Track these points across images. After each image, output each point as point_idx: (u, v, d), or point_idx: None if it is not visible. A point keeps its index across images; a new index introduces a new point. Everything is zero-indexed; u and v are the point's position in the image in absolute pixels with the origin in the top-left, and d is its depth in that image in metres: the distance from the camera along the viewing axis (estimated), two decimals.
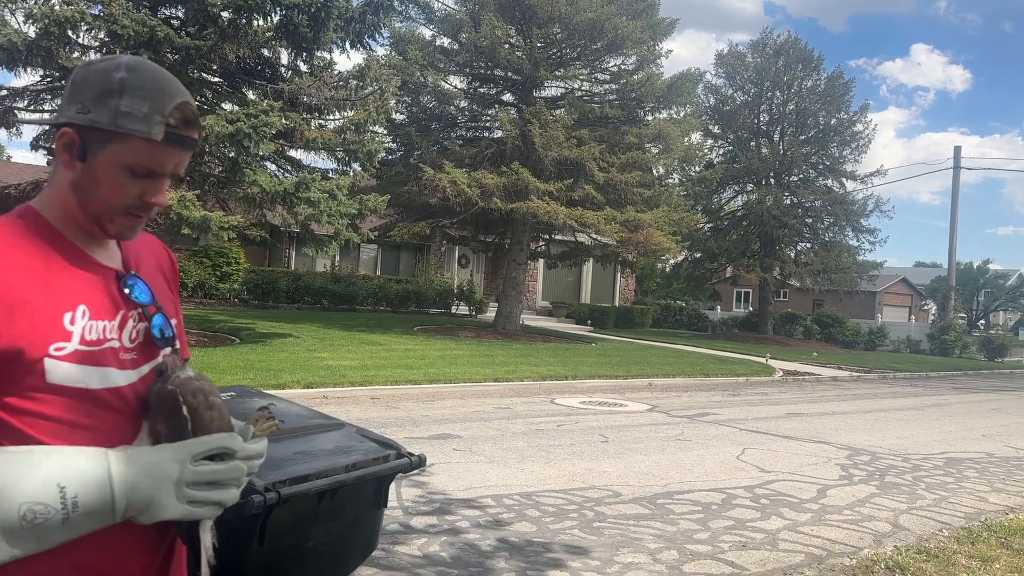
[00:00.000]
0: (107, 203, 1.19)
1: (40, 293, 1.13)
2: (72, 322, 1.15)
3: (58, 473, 1.04)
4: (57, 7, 11.02)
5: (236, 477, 1.14)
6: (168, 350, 1.28)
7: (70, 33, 11.19)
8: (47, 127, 13.29)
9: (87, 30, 11.56)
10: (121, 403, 1.18)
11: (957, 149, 34.06)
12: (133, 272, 1.28)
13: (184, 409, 1.14)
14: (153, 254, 1.40)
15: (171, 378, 1.18)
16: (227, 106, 13.12)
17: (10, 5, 11.47)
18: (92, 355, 1.16)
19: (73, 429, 1.12)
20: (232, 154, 12.14)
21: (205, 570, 1.20)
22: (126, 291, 1.24)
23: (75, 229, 1.22)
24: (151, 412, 1.17)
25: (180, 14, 12.76)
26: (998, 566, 4.62)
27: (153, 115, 1.16)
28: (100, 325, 1.18)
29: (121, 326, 1.22)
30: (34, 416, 1.10)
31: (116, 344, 1.20)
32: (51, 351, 1.11)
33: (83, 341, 1.15)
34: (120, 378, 1.19)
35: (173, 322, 1.33)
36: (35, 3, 11.32)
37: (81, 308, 1.16)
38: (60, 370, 1.12)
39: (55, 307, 1.14)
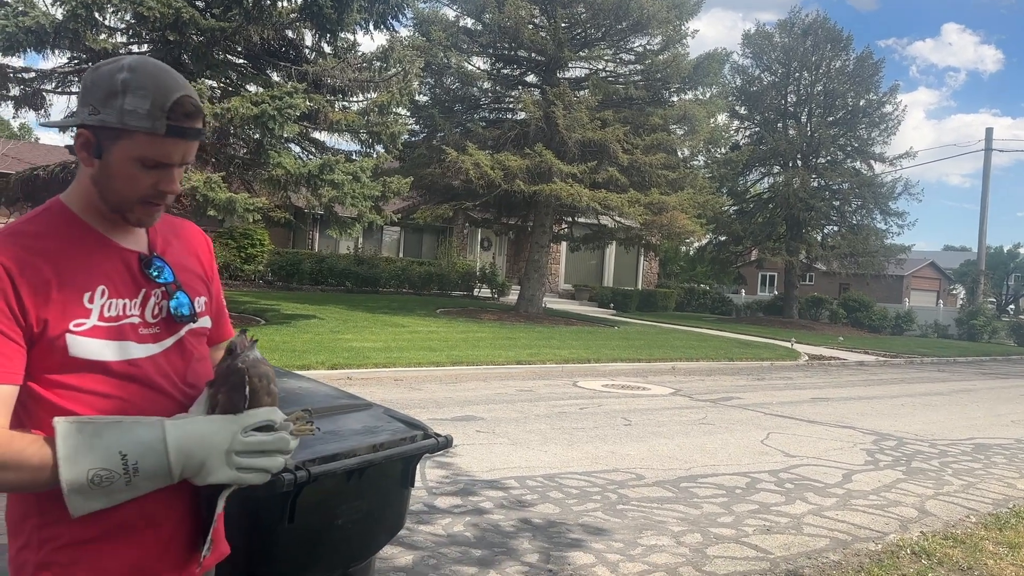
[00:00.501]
0: (124, 194, 1.31)
1: (64, 276, 1.26)
2: (91, 300, 1.27)
3: (120, 441, 1.17)
4: None
5: (282, 448, 1.25)
6: (191, 325, 1.40)
7: (97, 15, 11.26)
8: (75, 109, 13.41)
9: (113, 12, 11.62)
10: (141, 374, 1.30)
11: (989, 131, 33.41)
12: (157, 255, 1.40)
13: (247, 388, 1.25)
14: (187, 238, 1.52)
15: (241, 357, 1.28)
16: (252, 88, 13.16)
17: None
18: (111, 330, 1.28)
19: (97, 398, 1.25)
20: (257, 136, 12.18)
21: (208, 540, 1.33)
22: (148, 272, 1.36)
23: (99, 218, 1.34)
24: (216, 382, 1.28)
25: None
26: None
27: (155, 111, 1.26)
28: (120, 303, 1.31)
29: (143, 303, 1.34)
30: (62, 388, 1.24)
31: (137, 320, 1.32)
32: (71, 327, 1.24)
33: (102, 318, 1.28)
34: (139, 351, 1.31)
35: (202, 300, 1.45)
36: None
37: (101, 288, 1.29)
38: (80, 344, 1.24)
39: (77, 288, 1.26)
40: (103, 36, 11.70)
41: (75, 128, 1.30)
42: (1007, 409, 11.55)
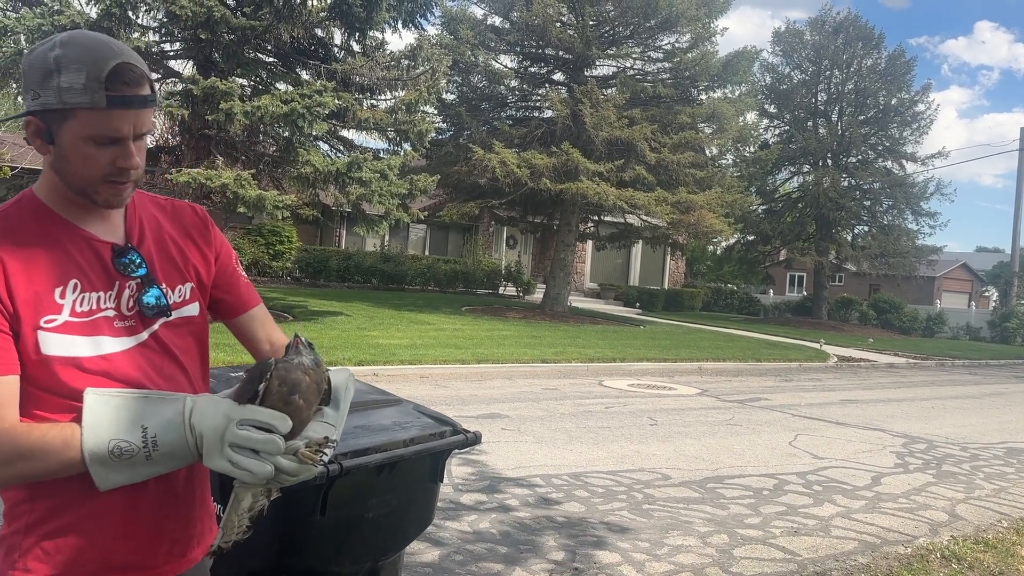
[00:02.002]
0: (84, 176, 1.25)
1: (34, 271, 1.23)
2: (63, 296, 1.24)
3: (142, 415, 1.16)
4: None
5: (271, 451, 1.17)
6: (163, 319, 1.35)
7: (130, 14, 11.43)
8: None
9: (146, 11, 11.79)
10: (115, 369, 1.26)
11: (1023, 130, 32.82)
12: (131, 245, 1.34)
13: (262, 384, 1.21)
14: (180, 219, 1.45)
15: (282, 357, 1.25)
16: (281, 86, 13.26)
17: None
18: (84, 325, 1.25)
19: (71, 395, 1.21)
20: (286, 134, 12.31)
21: (221, 529, 1.31)
22: (120, 264, 1.32)
23: (70, 207, 1.30)
24: (248, 369, 1.26)
25: None
26: None
27: (91, 84, 1.19)
28: (94, 296, 1.27)
29: (119, 296, 1.30)
30: (35, 386, 1.22)
31: (112, 313, 1.29)
32: (42, 324, 1.21)
33: (73, 313, 1.24)
34: (113, 345, 1.27)
35: (186, 287, 1.40)
36: None
37: (73, 282, 1.26)
38: (51, 341, 1.22)
39: (47, 283, 1.23)
40: (136, 34, 11.87)
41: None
42: None
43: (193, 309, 1.41)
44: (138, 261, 1.34)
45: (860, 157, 29.86)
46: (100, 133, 1.22)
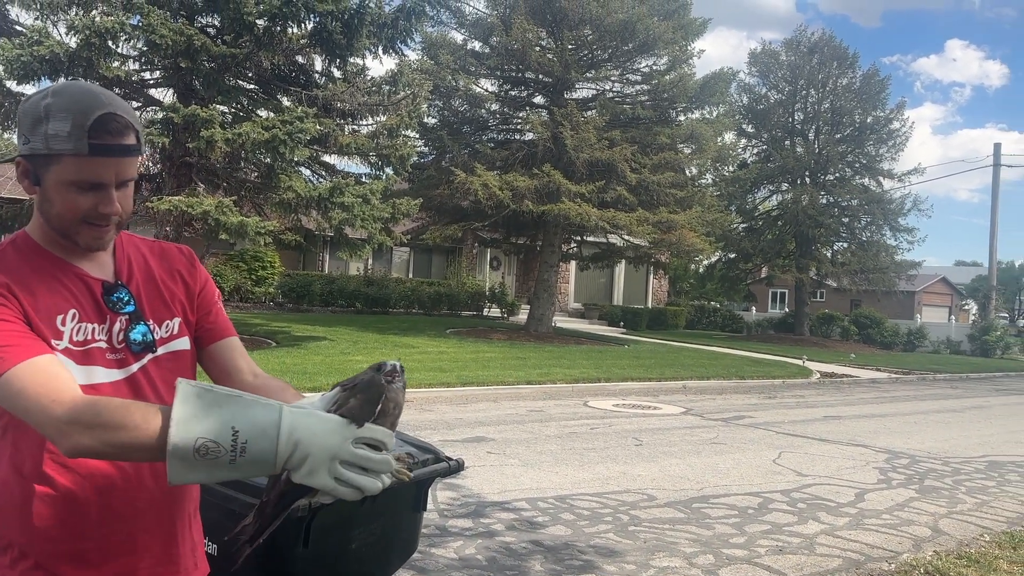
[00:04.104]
0: (65, 219, 1.33)
1: (38, 299, 1.30)
2: (63, 323, 1.31)
3: (235, 417, 1.12)
4: (97, 18, 11.27)
5: (384, 470, 1.18)
6: (150, 355, 1.40)
7: (110, 43, 11.44)
8: None
9: (126, 40, 11.81)
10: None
11: (997, 146, 33.32)
12: (120, 283, 1.41)
13: (379, 406, 1.21)
14: (160, 257, 1.53)
15: (387, 378, 1.24)
16: (263, 113, 13.31)
17: (52, 17, 11.76)
18: (79, 354, 1.32)
19: None
20: (268, 160, 12.32)
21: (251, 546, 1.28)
22: (110, 300, 1.38)
23: (60, 246, 1.37)
24: (351, 388, 1.22)
25: (216, 23, 12.97)
26: None
27: (76, 131, 1.26)
28: (89, 327, 1.34)
29: (109, 329, 1.37)
30: None
31: (104, 345, 1.35)
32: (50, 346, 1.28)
33: (72, 341, 1.31)
34: (103, 376, 1.33)
35: (174, 322, 1.46)
36: (76, 15, 11.59)
37: (72, 311, 1.33)
38: None
39: (50, 310, 1.31)
40: (116, 64, 11.88)
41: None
42: (1021, 426, 11.46)
43: (183, 343, 1.47)
44: (127, 298, 1.40)
45: (837, 175, 30.24)
46: (82, 179, 1.29)
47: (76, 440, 1.14)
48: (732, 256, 31.15)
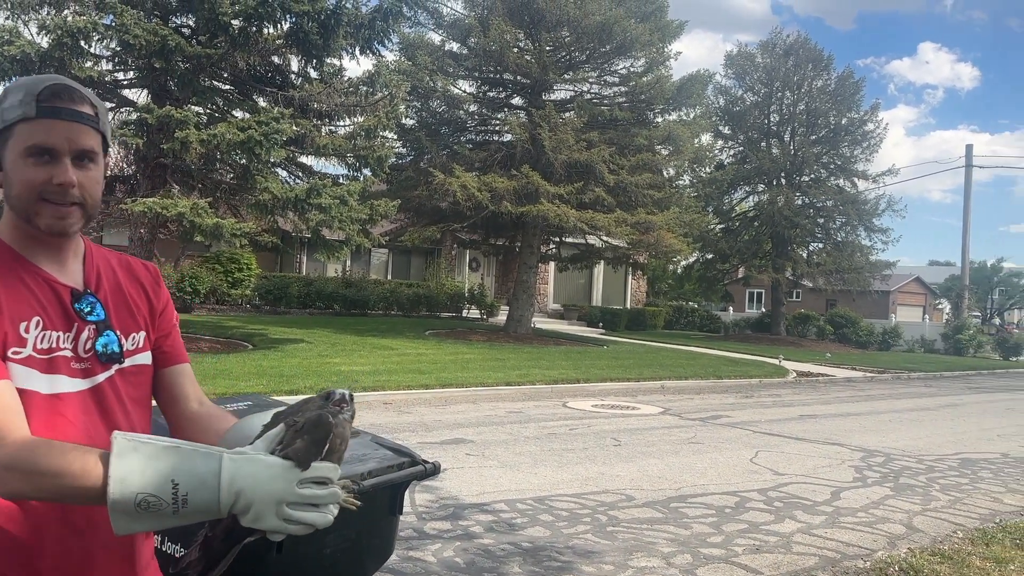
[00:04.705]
0: (24, 196, 1.29)
1: (6, 303, 1.26)
2: (27, 330, 1.27)
3: (174, 469, 1.10)
4: (70, 18, 11.14)
5: (332, 502, 1.16)
6: (117, 365, 1.37)
7: (83, 43, 11.30)
8: None
9: (99, 40, 11.67)
10: (65, 408, 1.27)
11: (969, 147, 33.82)
12: (89, 291, 1.38)
13: (326, 447, 1.15)
14: (134, 272, 1.50)
15: (335, 412, 1.19)
16: (238, 113, 13.21)
17: (23, 16, 11.60)
18: (43, 362, 1.27)
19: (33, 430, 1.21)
20: (243, 161, 12.23)
21: None
22: (78, 307, 1.34)
23: (30, 248, 1.34)
24: (298, 425, 1.17)
25: (191, 23, 12.86)
26: (1013, 567, 4.60)
27: (26, 99, 1.27)
28: (54, 335, 1.30)
29: (76, 338, 1.32)
30: None
31: (69, 354, 1.31)
32: (9, 354, 1.24)
33: (36, 349, 1.27)
34: (68, 385, 1.29)
35: (139, 336, 1.43)
36: (48, 14, 11.44)
37: (36, 319, 1.28)
38: (15, 372, 1.23)
39: (14, 317, 1.26)
40: (89, 64, 11.74)
41: None
42: (993, 423, 11.63)
43: (146, 358, 1.44)
44: (96, 307, 1.37)
45: (813, 176, 30.54)
46: (32, 143, 1.27)
47: (13, 486, 1.13)
48: (709, 257, 31.36)
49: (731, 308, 39.04)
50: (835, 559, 4.77)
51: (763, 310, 39.01)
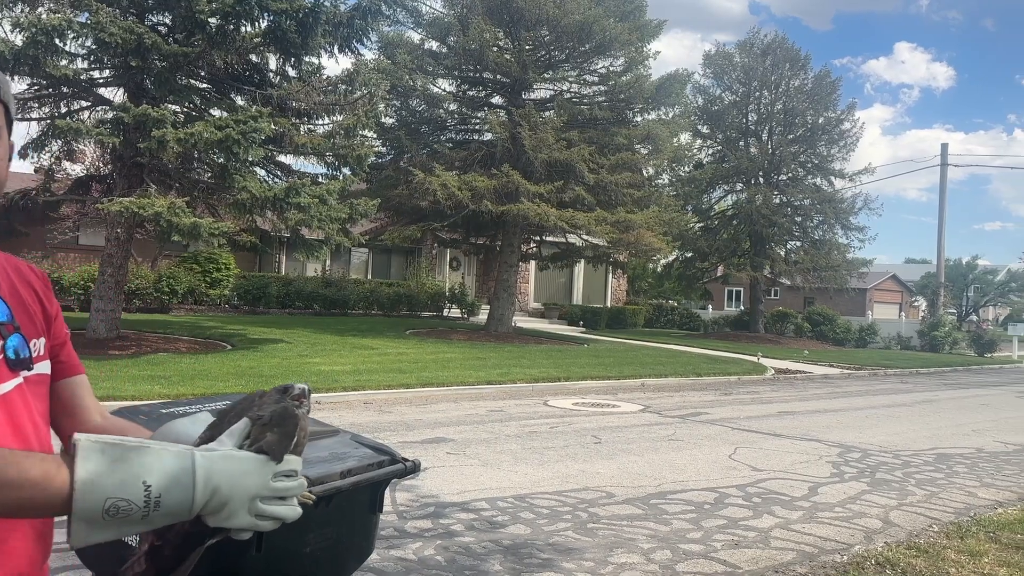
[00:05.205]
0: None
1: None
2: None
3: (145, 470, 1.04)
4: (44, 16, 11.01)
5: (299, 492, 1.14)
6: (25, 372, 1.24)
7: (57, 41, 11.16)
8: (35, 135, 13.24)
9: (74, 38, 11.53)
10: None
11: (944, 146, 34.24)
12: None
13: (295, 440, 1.15)
14: (25, 276, 1.37)
15: (298, 405, 1.18)
16: (216, 112, 13.10)
17: None
18: None
19: None
20: (221, 160, 12.14)
21: None
22: None
23: None
24: (264, 420, 1.15)
25: (168, 21, 12.75)
26: (987, 560, 4.67)
27: None
28: None
29: None
30: None
31: None
32: None
33: None
34: None
35: (40, 342, 1.31)
36: (22, 12, 11.29)
37: None
38: None
39: None
40: (64, 62, 11.60)
41: None
42: (968, 419, 11.79)
43: (47, 367, 1.32)
44: (1, 307, 1.24)
45: (790, 175, 30.78)
46: None
47: None
48: (689, 255, 31.53)
49: (710, 306, 39.30)
50: (813, 554, 4.82)
51: (742, 308, 39.27)
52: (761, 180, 30.24)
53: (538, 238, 22.71)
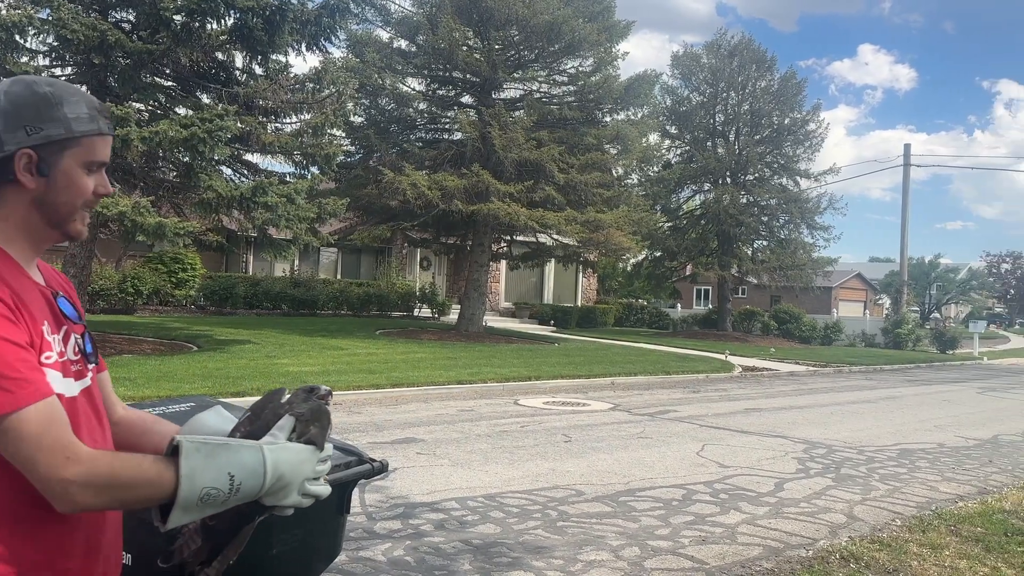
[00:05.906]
0: (71, 204, 1.32)
1: (25, 309, 1.24)
2: (49, 333, 1.28)
3: (229, 463, 1.23)
4: (3, 11, 10.78)
5: (324, 475, 1.36)
6: (91, 367, 1.40)
7: (18, 38, 10.95)
8: None
9: (35, 34, 11.33)
10: (74, 412, 1.27)
11: (907, 147, 34.77)
12: (60, 293, 1.38)
13: (329, 429, 1.39)
14: (61, 278, 1.48)
15: (325, 403, 1.41)
16: (181, 110, 12.93)
17: None
18: (61, 364, 1.28)
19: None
20: (186, 159, 11.97)
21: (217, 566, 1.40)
22: (61, 309, 1.35)
23: (21, 252, 1.31)
24: (305, 416, 1.35)
25: (132, 18, 12.55)
26: (947, 553, 4.77)
27: (93, 113, 1.32)
28: (57, 338, 1.30)
29: (65, 340, 1.33)
30: None
31: (71, 356, 1.32)
32: (43, 359, 1.23)
33: (58, 353, 1.28)
34: (75, 388, 1.30)
35: (87, 338, 1.44)
36: None
37: (46, 321, 1.28)
38: (52, 378, 1.22)
39: (37, 320, 1.25)
40: (25, 59, 11.38)
41: (7, 159, 1.25)
42: (930, 414, 12.02)
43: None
44: (69, 308, 1.38)
45: (757, 175, 31.11)
46: (95, 159, 1.33)
47: (82, 501, 1.17)
48: (658, 254, 31.75)
49: (679, 305, 39.59)
50: (778, 549, 4.89)
51: (710, 307, 39.64)
52: (728, 180, 30.53)
53: (508, 238, 22.73)
